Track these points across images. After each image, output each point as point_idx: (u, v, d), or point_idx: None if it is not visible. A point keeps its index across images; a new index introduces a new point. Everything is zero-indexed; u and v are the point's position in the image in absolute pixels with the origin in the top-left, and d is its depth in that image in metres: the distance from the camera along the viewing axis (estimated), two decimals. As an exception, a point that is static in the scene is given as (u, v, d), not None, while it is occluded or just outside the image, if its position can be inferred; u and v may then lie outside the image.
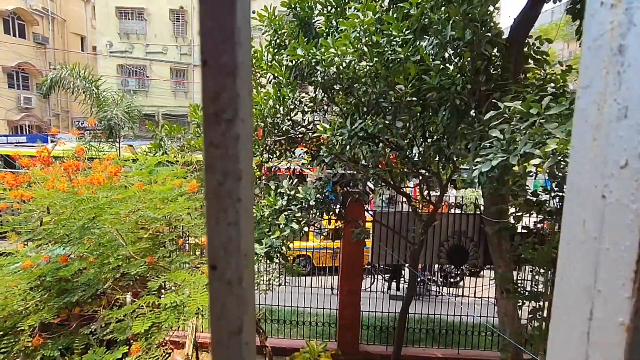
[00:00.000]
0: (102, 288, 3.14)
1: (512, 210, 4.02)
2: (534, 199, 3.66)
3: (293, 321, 5.98)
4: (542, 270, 3.88)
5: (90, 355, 2.81)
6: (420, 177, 4.02)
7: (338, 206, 3.70)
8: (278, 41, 3.95)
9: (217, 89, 0.31)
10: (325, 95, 3.86)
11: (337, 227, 4.07)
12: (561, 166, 2.01)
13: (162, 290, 3.43)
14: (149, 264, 3.21)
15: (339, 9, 3.56)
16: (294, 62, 3.64)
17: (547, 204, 3.69)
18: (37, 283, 3.14)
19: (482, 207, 4.59)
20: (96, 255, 3.16)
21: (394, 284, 7.59)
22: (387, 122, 3.02)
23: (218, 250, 0.29)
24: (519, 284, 4.10)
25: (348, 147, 2.86)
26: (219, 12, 0.30)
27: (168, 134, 4.25)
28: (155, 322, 2.93)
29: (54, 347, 2.93)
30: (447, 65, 3.34)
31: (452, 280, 7.49)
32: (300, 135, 4.07)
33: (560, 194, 3.39)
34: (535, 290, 3.92)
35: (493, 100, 2.87)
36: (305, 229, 3.13)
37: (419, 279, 6.41)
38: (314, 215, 3.54)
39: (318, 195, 3.15)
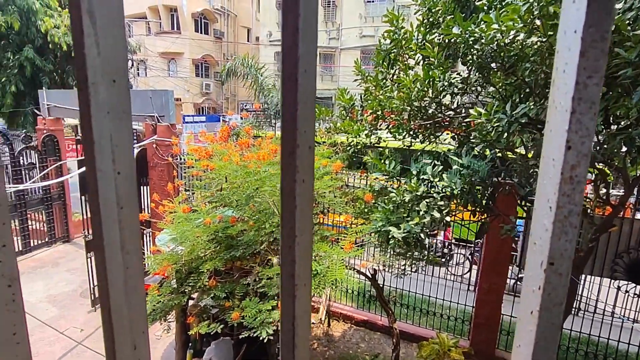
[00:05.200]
0: (258, 248, 3.66)
1: None
2: None
3: (423, 310, 5.86)
4: None
5: (247, 302, 3.34)
6: (596, 172, 3.33)
7: (486, 198, 3.39)
8: (431, 20, 3.75)
9: None
10: (480, 75, 3.52)
11: (484, 221, 3.74)
12: None
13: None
14: (296, 233, 3.57)
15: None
16: (447, 41, 3.42)
17: None
18: (212, 237, 3.86)
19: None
20: (254, 220, 3.69)
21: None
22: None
23: (558, 251, 0.40)
24: None
25: (506, 134, 2.56)
26: None
27: (317, 117, 4.57)
28: (299, 285, 3.28)
29: (222, 289, 3.58)
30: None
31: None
32: (447, 120, 3.84)
33: None
34: None
35: None
36: (447, 218, 2.97)
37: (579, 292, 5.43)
38: (457, 204, 3.33)
39: (464, 185, 2.94)
